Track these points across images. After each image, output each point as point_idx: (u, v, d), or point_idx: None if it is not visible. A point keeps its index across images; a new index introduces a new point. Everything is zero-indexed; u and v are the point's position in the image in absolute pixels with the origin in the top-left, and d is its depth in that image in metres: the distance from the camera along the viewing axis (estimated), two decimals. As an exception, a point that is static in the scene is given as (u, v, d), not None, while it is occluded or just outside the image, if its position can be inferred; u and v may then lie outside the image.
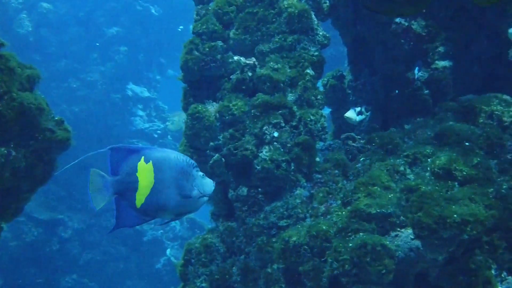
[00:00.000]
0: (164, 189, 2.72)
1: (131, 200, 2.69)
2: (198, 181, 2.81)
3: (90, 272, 12.79)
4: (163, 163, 2.73)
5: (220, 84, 4.97)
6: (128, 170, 2.69)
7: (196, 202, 2.83)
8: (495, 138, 4.38)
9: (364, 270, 3.68)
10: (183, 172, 2.76)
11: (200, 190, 2.82)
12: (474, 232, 3.59)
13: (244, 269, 4.37)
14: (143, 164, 2.69)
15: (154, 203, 2.71)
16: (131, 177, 2.68)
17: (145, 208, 2.70)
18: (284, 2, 5.05)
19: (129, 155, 2.71)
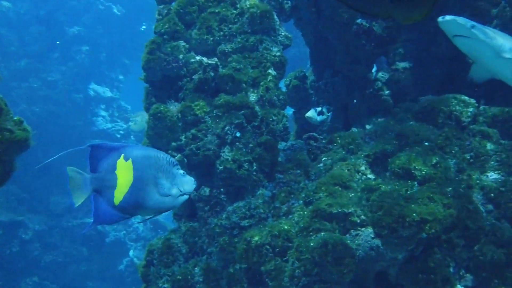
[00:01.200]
0: (143, 187, 2.73)
1: (109, 197, 2.70)
2: (178, 180, 2.83)
3: (51, 274, 12.61)
4: (143, 161, 2.74)
5: (182, 84, 4.96)
6: (107, 167, 2.70)
7: (175, 200, 2.84)
8: (453, 138, 4.45)
9: (325, 269, 3.70)
10: (163, 170, 2.78)
11: (180, 188, 2.84)
12: (432, 230, 3.64)
13: (206, 270, 4.36)
14: (122, 162, 2.70)
15: (133, 201, 2.72)
16: (110, 175, 2.69)
17: (123, 206, 2.71)
18: (246, 2, 5.05)
19: (109, 153, 2.72)
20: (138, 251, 13.15)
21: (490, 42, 4.25)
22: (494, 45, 4.29)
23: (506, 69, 4.45)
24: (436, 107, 4.72)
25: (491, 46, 4.29)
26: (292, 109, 6.57)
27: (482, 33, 4.34)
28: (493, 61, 4.43)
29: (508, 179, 4.19)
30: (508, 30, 4.90)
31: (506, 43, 4.29)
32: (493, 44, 4.29)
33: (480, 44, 4.31)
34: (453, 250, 3.79)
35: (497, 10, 5.01)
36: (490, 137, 4.55)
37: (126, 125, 15.50)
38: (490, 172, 4.29)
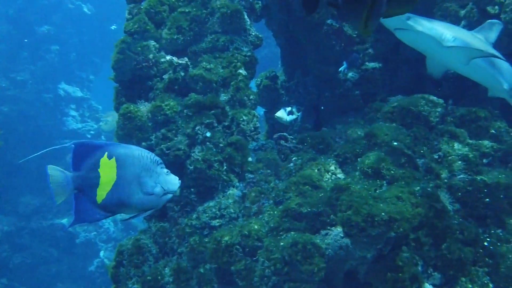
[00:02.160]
0: (126, 186, 2.73)
1: (92, 195, 2.70)
2: (161, 178, 2.83)
3: (21, 276, 12.46)
4: (126, 159, 2.74)
5: (152, 84, 4.93)
6: (91, 165, 2.70)
7: (159, 199, 2.85)
8: (422, 137, 4.50)
9: (295, 268, 3.71)
10: (146, 169, 2.78)
11: (164, 187, 2.84)
12: (401, 229, 3.67)
13: (176, 270, 4.35)
14: (106, 160, 2.70)
15: (115, 199, 2.72)
16: (93, 173, 2.69)
17: (106, 204, 2.72)
18: (217, 2, 5.05)
19: (92, 151, 2.72)
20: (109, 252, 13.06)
21: (429, 32, 4.31)
22: (434, 35, 4.35)
23: (449, 58, 4.52)
24: (405, 107, 4.76)
25: (431, 36, 4.34)
26: (263, 109, 6.57)
27: (418, 24, 4.40)
28: (437, 51, 4.50)
29: (475, 179, 4.25)
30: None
31: (447, 32, 4.34)
32: (433, 34, 4.34)
33: (419, 35, 4.37)
34: (421, 249, 3.83)
35: (464, 11, 5.08)
36: (457, 137, 4.61)
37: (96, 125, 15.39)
38: (458, 171, 4.35)
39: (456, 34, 4.38)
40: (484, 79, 4.70)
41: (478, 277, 3.91)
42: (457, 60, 4.49)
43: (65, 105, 15.11)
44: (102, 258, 13.14)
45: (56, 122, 14.65)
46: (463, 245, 3.93)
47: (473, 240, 4.00)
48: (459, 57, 4.43)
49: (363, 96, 5.44)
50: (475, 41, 4.43)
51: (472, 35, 4.50)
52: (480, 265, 3.97)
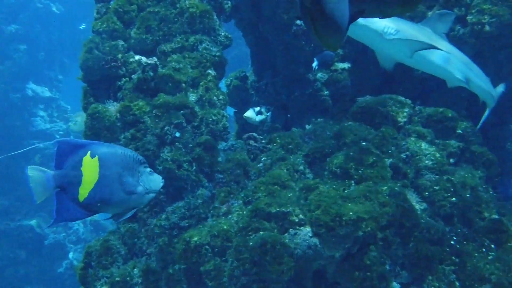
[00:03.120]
0: (108, 185, 2.75)
1: (74, 194, 2.71)
2: (144, 177, 2.86)
3: (-12, 278, 12.31)
4: (109, 158, 2.76)
5: (121, 84, 4.90)
6: (73, 164, 2.71)
7: (141, 198, 2.87)
8: (390, 137, 4.54)
9: (264, 268, 3.72)
10: (129, 168, 2.80)
11: (146, 186, 2.86)
12: (368, 229, 3.69)
13: (145, 271, 4.33)
14: (88, 159, 2.71)
15: (97, 198, 2.74)
16: (75, 172, 2.71)
17: (88, 203, 2.73)
18: (186, 2, 5.04)
19: (75, 150, 2.73)
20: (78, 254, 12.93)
21: (371, 25, 4.32)
22: (376, 28, 4.36)
23: (393, 51, 4.56)
24: (373, 107, 4.80)
25: (374, 29, 4.36)
26: (233, 109, 6.58)
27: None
28: (381, 44, 4.53)
29: (441, 178, 4.30)
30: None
31: (390, 24, 4.36)
32: (376, 27, 4.36)
33: (363, 29, 4.39)
34: (388, 248, 3.86)
35: (432, 12, 5.14)
36: (425, 137, 4.66)
37: (65, 126, 15.24)
38: (425, 171, 4.40)
39: (399, 26, 4.39)
40: (433, 70, 4.75)
41: (444, 275, 3.95)
42: (401, 53, 4.52)
43: (33, 105, 14.94)
44: (71, 260, 13.00)
45: (24, 123, 14.47)
46: (430, 244, 3.98)
47: (440, 239, 4.05)
48: (402, 50, 4.46)
49: (332, 97, 5.47)
50: (419, 33, 4.46)
51: (417, 27, 4.52)
52: (446, 264, 4.02)
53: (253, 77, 6.43)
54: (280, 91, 5.93)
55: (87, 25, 16.92)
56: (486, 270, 3.92)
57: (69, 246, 13.29)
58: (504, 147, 5.43)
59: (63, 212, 2.74)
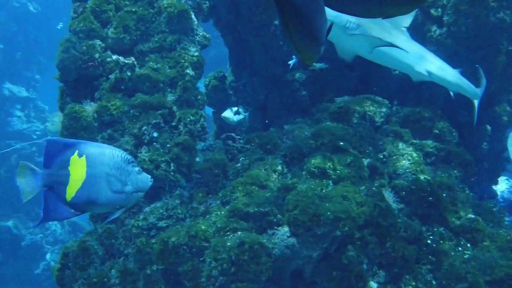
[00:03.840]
0: (96, 184, 2.75)
1: (61, 193, 2.72)
2: (132, 177, 2.86)
3: (-37, 280, 12.15)
4: (97, 158, 2.76)
5: (98, 84, 4.87)
6: (61, 163, 2.72)
7: (129, 197, 2.88)
8: (367, 137, 4.56)
9: (242, 268, 3.71)
10: (117, 168, 2.80)
11: (135, 185, 2.87)
12: (346, 228, 3.71)
13: (123, 272, 4.30)
14: (76, 158, 2.72)
15: (85, 197, 2.74)
16: (62, 171, 2.71)
17: (75, 202, 2.73)
18: (164, 1, 5.02)
19: (64, 149, 2.74)
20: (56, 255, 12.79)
21: (334, 19, 4.32)
22: (338, 23, 4.36)
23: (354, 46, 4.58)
24: (351, 107, 4.83)
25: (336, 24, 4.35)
26: (212, 109, 6.57)
27: None
28: (343, 38, 4.54)
29: (418, 178, 4.33)
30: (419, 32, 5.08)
31: (352, 19, 4.37)
32: (337, 22, 4.36)
33: None
34: (366, 247, 3.88)
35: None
36: (402, 137, 4.70)
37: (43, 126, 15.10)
38: (402, 170, 4.43)
39: (360, 21, 4.40)
40: (393, 64, 4.78)
41: (421, 274, 3.98)
42: (362, 48, 4.54)
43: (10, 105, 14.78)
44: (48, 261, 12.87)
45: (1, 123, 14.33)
46: (407, 243, 4.01)
47: (417, 238, 4.08)
48: (363, 45, 4.49)
49: (311, 97, 5.48)
50: (380, 29, 4.47)
51: (378, 22, 4.53)
52: (423, 263, 4.05)
53: (231, 77, 6.43)
54: (258, 91, 5.93)
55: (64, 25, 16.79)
56: (462, 269, 3.95)
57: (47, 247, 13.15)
58: (480, 147, 5.47)
59: (51, 211, 2.75)
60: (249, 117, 5.90)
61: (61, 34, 15.09)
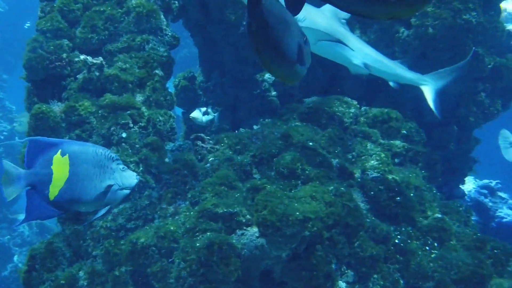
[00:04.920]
0: (79, 182, 2.75)
1: (44, 192, 2.72)
2: (117, 174, 2.86)
3: None
4: (80, 156, 2.76)
5: (66, 84, 4.81)
6: (43, 162, 2.72)
7: (114, 195, 2.88)
8: (336, 138, 4.59)
9: (211, 269, 3.71)
10: (100, 166, 2.80)
11: (119, 183, 2.87)
12: (315, 228, 3.73)
13: (91, 273, 4.26)
14: (59, 157, 2.72)
15: (68, 196, 2.74)
16: (45, 170, 2.71)
17: (59, 201, 2.74)
18: (132, 1, 4.98)
19: (46, 148, 2.74)
20: (24, 257, 12.64)
21: None
22: None
23: None
24: (320, 108, 4.85)
25: None
26: (181, 109, 6.55)
27: None
28: None
29: (386, 178, 4.37)
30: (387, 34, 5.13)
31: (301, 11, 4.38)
32: None
33: None
34: (334, 247, 3.90)
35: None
36: (370, 137, 4.73)
37: (10, 126, 14.91)
38: (370, 171, 4.46)
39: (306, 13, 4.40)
40: (333, 57, 4.80)
41: (389, 274, 4.02)
42: None
43: (-24, 105, 14.60)
44: (16, 263, 12.71)
45: (-33, 123, 14.14)
46: (375, 243, 4.04)
47: (385, 238, 4.12)
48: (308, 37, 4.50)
49: (280, 97, 5.50)
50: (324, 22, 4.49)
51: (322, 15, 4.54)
52: (391, 262, 4.09)
53: (201, 78, 6.42)
54: (228, 91, 5.93)
55: (31, 24, 16.61)
56: (429, 268, 4.00)
57: (14, 249, 12.99)
58: (447, 147, 5.55)
59: (34, 211, 2.75)
60: (219, 117, 5.90)
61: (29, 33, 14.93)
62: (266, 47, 1.95)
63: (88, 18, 4.93)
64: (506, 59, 5.50)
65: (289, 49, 2.01)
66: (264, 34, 1.91)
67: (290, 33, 2.00)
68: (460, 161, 5.80)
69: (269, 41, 1.94)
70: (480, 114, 5.53)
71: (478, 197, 8.63)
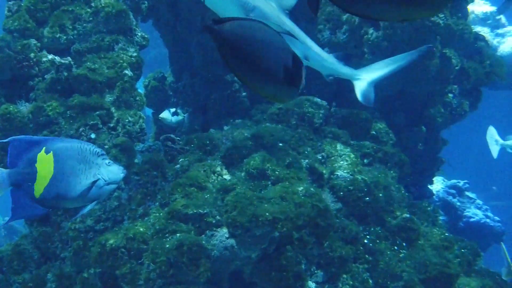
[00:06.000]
0: (64, 179, 2.75)
1: (29, 190, 2.73)
2: (103, 169, 2.86)
3: None
4: (65, 153, 2.76)
5: (34, 84, 4.76)
6: (27, 161, 2.72)
7: (100, 190, 2.88)
8: (306, 138, 4.61)
9: (180, 270, 3.70)
10: (86, 161, 2.80)
11: (105, 178, 2.86)
12: (284, 229, 3.74)
13: (59, 275, 4.22)
14: (43, 155, 2.72)
15: (53, 193, 2.75)
16: (30, 168, 2.72)
17: (44, 198, 2.74)
18: (101, 1, 4.94)
19: (30, 147, 2.74)
20: (-9, 259, 12.48)
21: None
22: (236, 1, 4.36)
23: None
24: (290, 108, 4.86)
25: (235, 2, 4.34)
26: (152, 110, 6.52)
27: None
28: None
29: (356, 178, 4.40)
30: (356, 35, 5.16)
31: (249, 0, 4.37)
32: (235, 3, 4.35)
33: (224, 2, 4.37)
34: (304, 248, 3.91)
35: (346, 15, 5.25)
36: (340, 138, 4.76)
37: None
38: (340, 171, 4.48)
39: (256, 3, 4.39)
40: None
41: (358, 273, 4.05)
42: None
43: None
44: (-17, 266, 12.54)
45: None
46: (344, 243, 4.07)
47: (354, 238, 4.15)
48: None
49: (250, 98, 5.50)
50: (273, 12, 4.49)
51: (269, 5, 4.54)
52: (360, 262, 4.12)
53: (171, 78, 6.39)
54: (198, 92, 5.91)
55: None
56: (398, 268, 4.04)
57: (-19, 251, 12.81)
58: (415, 148, 5.59)
59: (20, 209, 2.76)
60: (189, 118, 5.88)
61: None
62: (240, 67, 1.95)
63: (56, 18, 4.87)
64: (473, 61, 5.58)
65: (269, 69, 2.00)
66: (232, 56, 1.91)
67: (268, 53, 1.99)
68: (428, 161, 5.86)
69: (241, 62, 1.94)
70: (447, 115, 5.60)
71: (446, 197, 8.73)
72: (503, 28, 9.41)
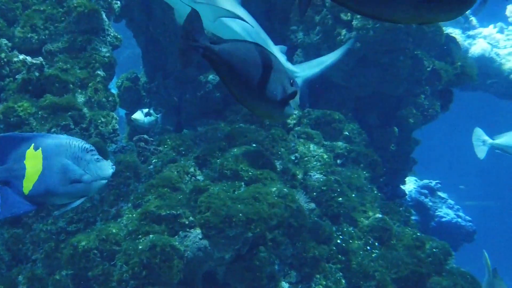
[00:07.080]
0: (53, 175, 2.74)
1: (18, 187, 2.70)
2: (91, 165, 2.84)
3: None
4: (53, 149, 2.75)
5: (4, 85, 4.70)
6: (16, 157, 2.70)
7: (89, 186, 2.86)
8: (280, 139, 4.62)
9: (154, 271, 3.68)
10: (74, 157, 2.78)
11: (94, 174, 2.84)
12: (258, 230, 3.74)
13: (30, 278, 4.18)
14: (32, 152, 2.71)
15: (42, 190, 2.72)
16: (18, 165, 2.70)
17: (33, 195, 2.72)
18: (73, 1, 4.90)
19: (18, 143, 2.72)
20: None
21: None
22: None
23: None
24: (263, 109, 4.86)
25: None
26: (125, 110, 6.49)
27: None
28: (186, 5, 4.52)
29: (329, 179, 4.42)
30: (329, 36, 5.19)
31: None
32: None
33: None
34: (277, 248, 3.93)
35: (319, 17, 5.28)
36: (313, 139, 4.78)
37: None
38: (313, 172, 4.51)
39: None
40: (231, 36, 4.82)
41: (331, 273, 4.08)
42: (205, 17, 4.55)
43: None
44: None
45: None
46: (317, 244, 4.09)
47: (327, 238, 4.17)
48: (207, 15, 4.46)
49: (224, 99, 5.50)
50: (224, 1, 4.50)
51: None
52: (333, 262, 4.15)
53: (144, 79, 6.37)
54: (172, 92, 5.90)
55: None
56: (370, 267, 4.07)
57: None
58: (388, 148, 5.64)
59: (9, 206, 2.72)
60: (162, 118, 5.87)
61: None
62: (237, 88, 1.97)
63: (27, 17, 4.83)
64: (444, 62, 5.64)
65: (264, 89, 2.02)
66: (228, 77, 1.93)
67: (263, 74, 2.01)
68: (400, 161, 5.90)
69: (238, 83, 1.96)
70: (419, 115, 5.65)
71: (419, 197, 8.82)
72: (474, 29, 9.52)
